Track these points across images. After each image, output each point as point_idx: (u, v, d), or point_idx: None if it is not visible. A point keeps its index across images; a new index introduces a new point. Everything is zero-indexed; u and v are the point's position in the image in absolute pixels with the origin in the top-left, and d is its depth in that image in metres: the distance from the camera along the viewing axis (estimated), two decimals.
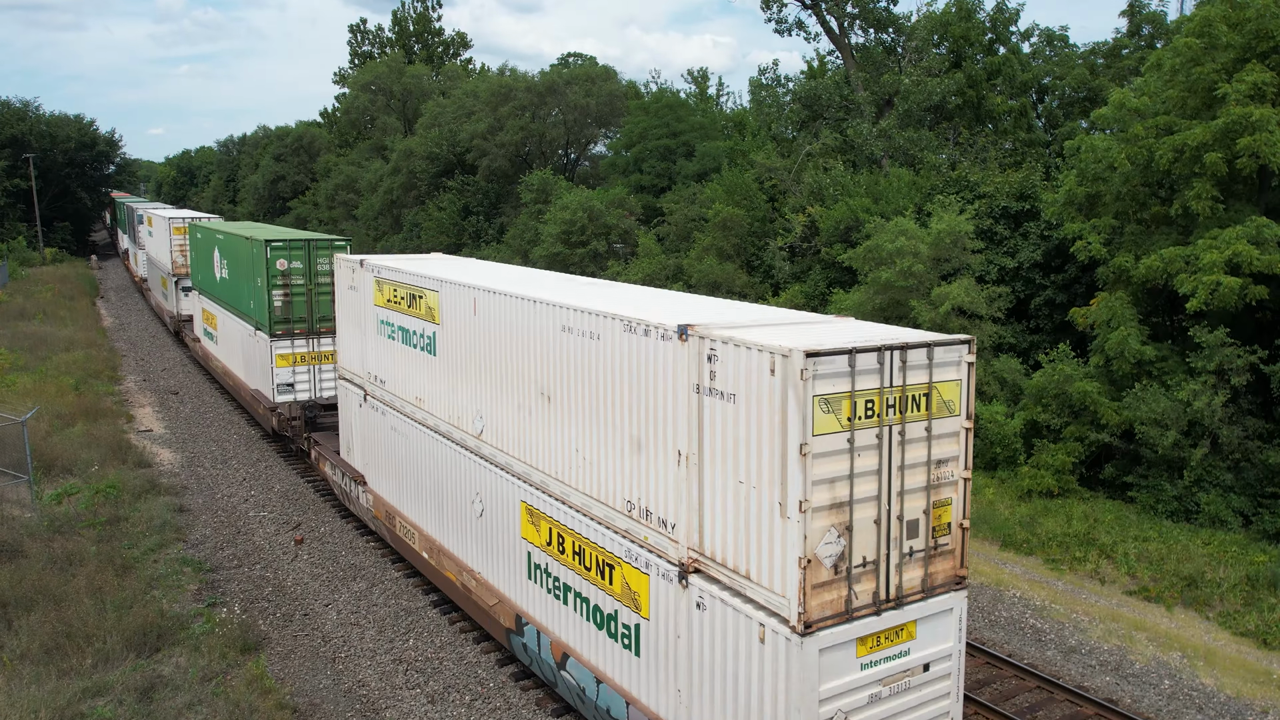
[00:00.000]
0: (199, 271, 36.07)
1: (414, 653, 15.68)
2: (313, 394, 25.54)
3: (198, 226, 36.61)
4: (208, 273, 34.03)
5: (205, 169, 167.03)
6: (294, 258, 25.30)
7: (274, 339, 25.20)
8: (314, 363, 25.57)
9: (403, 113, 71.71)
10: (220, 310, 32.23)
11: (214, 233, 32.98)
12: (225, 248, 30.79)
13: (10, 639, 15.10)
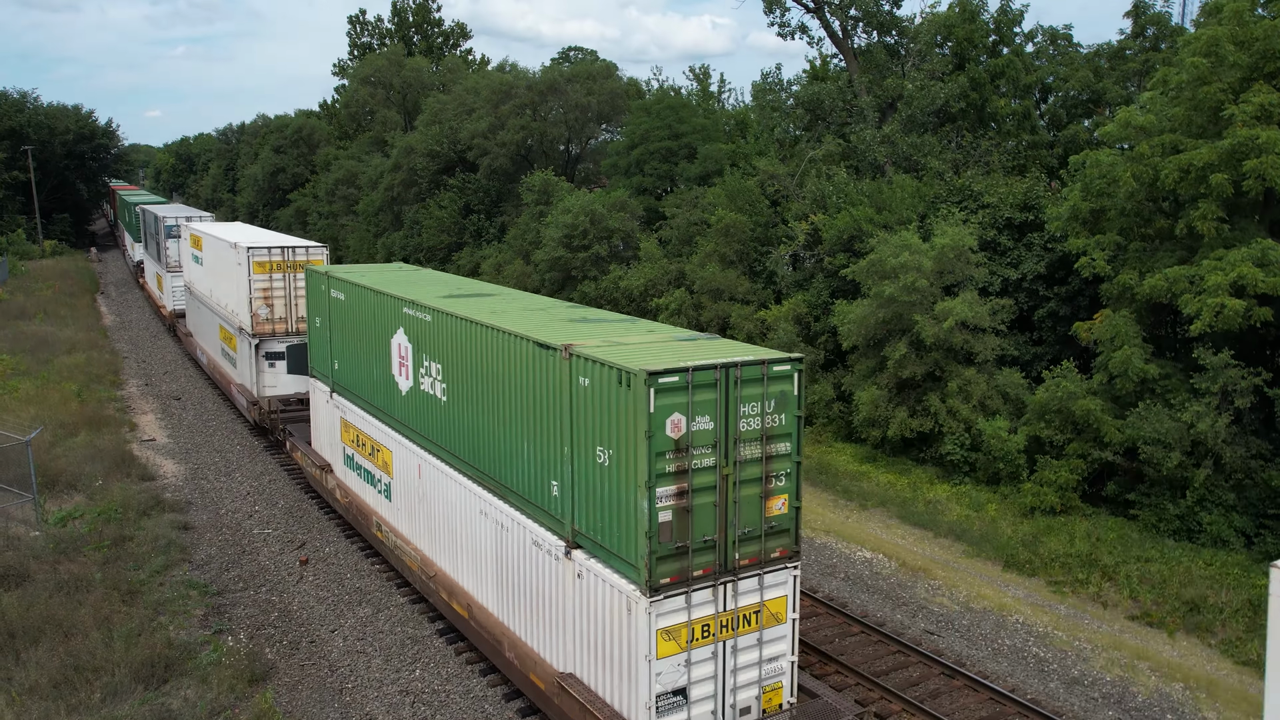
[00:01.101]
0: (339, 355, 21.46)
1: (420, 684, 15.75)
2: None
3: (332, 278, 21.34)
4: (358, 363, 20.24)
5: (204, 156, 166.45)
6: None
7: None
8: None
9: (402, 105, 71.36)
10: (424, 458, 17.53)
11: (388, 299, 18.24)
12: (435, 335, 16.54)
13: (19, 672, 15.17)
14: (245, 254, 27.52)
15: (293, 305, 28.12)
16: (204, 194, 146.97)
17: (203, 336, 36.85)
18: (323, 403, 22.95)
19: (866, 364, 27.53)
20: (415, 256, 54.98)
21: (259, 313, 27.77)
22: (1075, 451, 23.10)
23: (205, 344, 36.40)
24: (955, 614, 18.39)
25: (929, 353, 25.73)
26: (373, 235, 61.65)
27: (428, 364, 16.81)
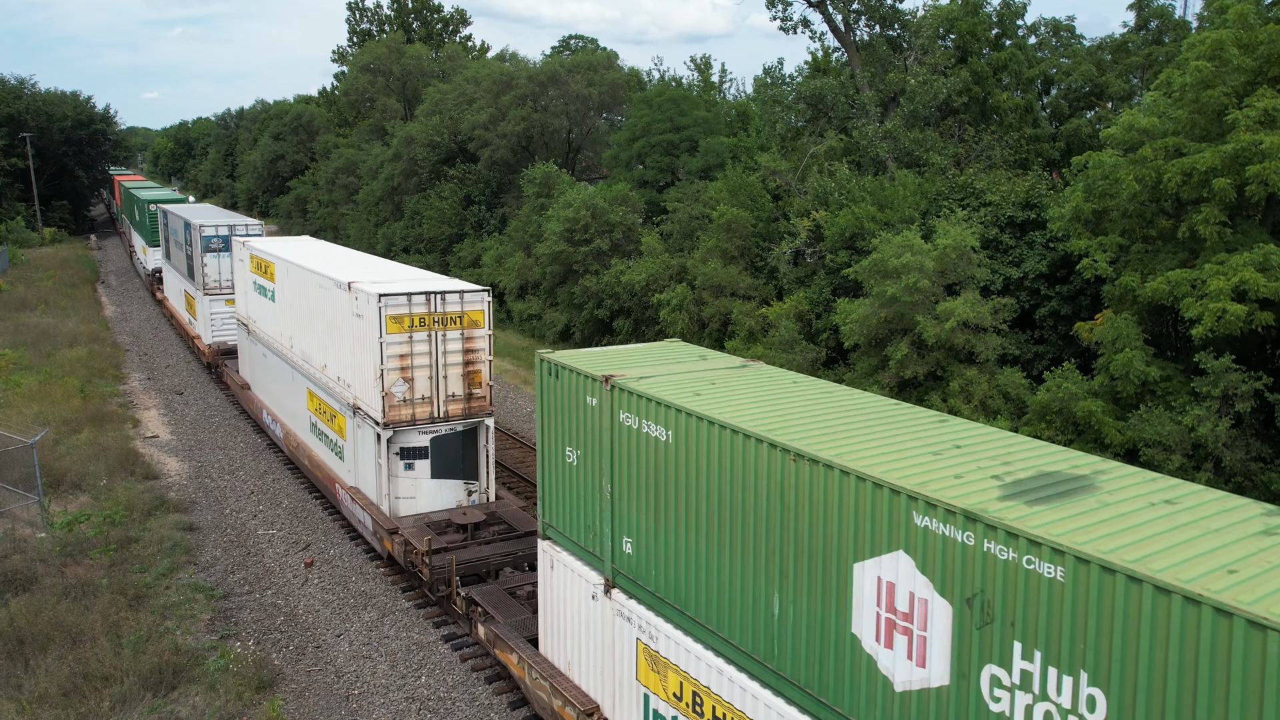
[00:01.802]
0: (632, 526, 11.98)
1: (426, 690, 15.90)
2: None
3: (622, 391, 11.71)
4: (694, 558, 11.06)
5: (203, 141, 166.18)
6: None
7: None
8: None
9: (402, 93, 71.18)
10: None
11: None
12: None
13: (28, 680, 15.31)
14: (374, 304, 18.54)
15: (440, 378, 19.33)
16: (202, 179, 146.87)
17: (273, 395, 27.16)
18: (580, 594, 13.05)
19: (868, 363, 27.60)
20: (416, 247, 54.99)
21: (394, 391, 18.88)
22: None
23: (279, 408, 26.52)
24: None
25: (931, 352, 25.80)
26: (373, 225, 61.63)
27: None
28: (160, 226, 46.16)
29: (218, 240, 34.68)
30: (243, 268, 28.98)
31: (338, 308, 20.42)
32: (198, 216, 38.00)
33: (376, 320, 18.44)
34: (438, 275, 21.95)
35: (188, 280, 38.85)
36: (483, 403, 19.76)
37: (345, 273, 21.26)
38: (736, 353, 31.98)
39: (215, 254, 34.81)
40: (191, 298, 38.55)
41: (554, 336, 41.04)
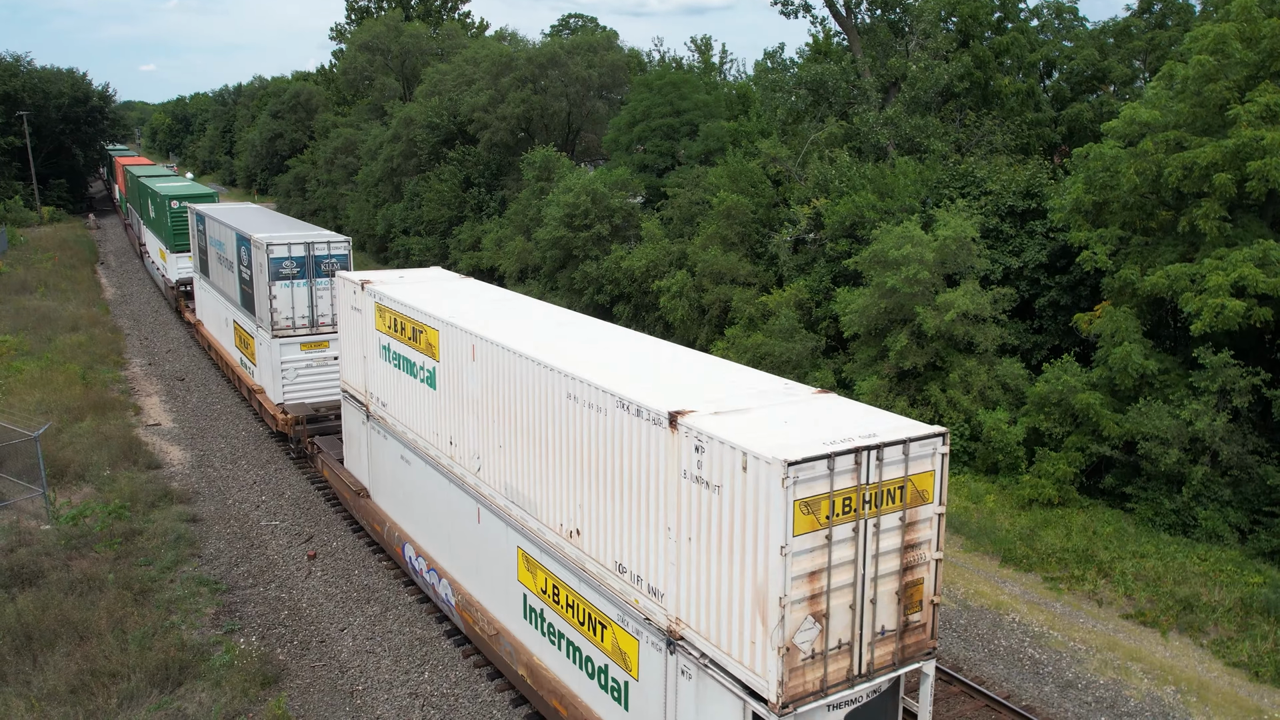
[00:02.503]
0: None
1: (430, 687, 16.10)
2: None
3: None
4: None
5: (200, 117, 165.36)
6: None
7: None
8: None
9: (401, 72, 70.76)
10: None
11: None
12: None
13: (36, 676, 15.51)
14: (773, 476, 9.59)
15: (866, 601, 10.67)
16: (200, 155, 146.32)
17: (427, 529, 18.05)
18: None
19: (868, 352, 27.69)
20: (416, 229, 54.90)
21: (799, 641, 10.03)
22: (1074, 444, 23.34)
23: (444, 555, 17.36)
24: (954, 612, 18.72)
25: (930, 342, 25.88)
26: (372, 206, 61.48)
27: None
28: (194, 233, 37.19)
29: (291, 264, 25.73)
30: (359, 319, 20.40)
31: (643, 453, 11.40)
32: (257, 228, 28.71)
33: (779, 506, 9.52)
34: (814, 393, 12.33)
35: (242, 312, 29.25)
36: (922, 636, 11.23)
37: (616, 376, 12.48)
38: (736, 340, 32.08)
39: (288, 282, 25.76)
40: (248, 336, 28.87)
41: None
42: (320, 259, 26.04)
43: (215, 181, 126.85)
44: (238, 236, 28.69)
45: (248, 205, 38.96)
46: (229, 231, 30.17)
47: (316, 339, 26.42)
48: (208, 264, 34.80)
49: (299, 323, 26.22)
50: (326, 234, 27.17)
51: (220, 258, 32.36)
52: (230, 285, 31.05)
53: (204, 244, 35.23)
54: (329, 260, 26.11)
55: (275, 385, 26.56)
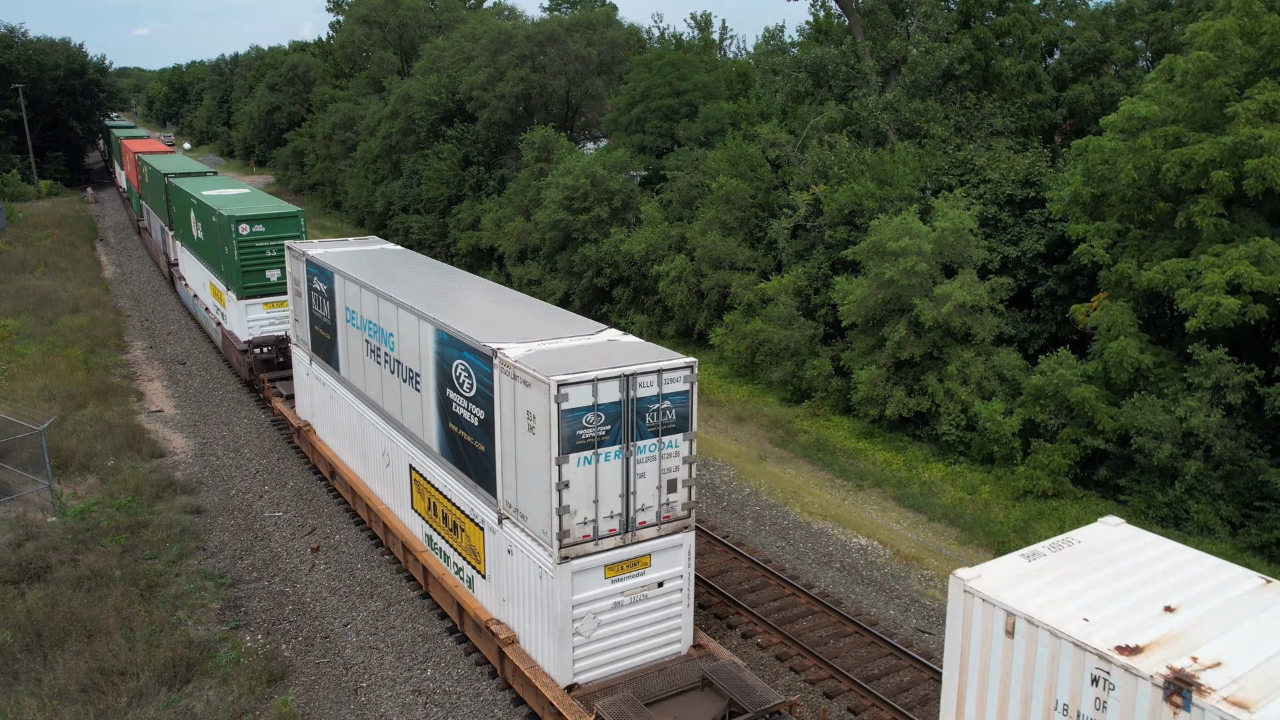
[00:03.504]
0: None
1: (432, 684, 16.43)
2: None
3: None
4: None
5: (197, 86, 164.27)
6: None
7: None
8: None
9: (399, 45, 70.27)
10: None
11: None
12: None
13: (47, 675, 15.82)
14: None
15: None
16: (198, 125, 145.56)
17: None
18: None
19: (866, 342, 27.83)
20: (415, 207, 54.81)
21: None
22: (1068, 436, 23.56)
23: None
24: (945, 607, 19.00)
25: (927, 333, 26.02)
26: (371, 183, 61.31)
27: None
28: (301, 287, 23.87)
29: (597, 419, 13.55)
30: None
31: None
32: (490, 325, 15.99)
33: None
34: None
35: (454, 473, 16.64)
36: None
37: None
38: (735, 326, 32.25)
39: (589, 454, 13.58)
40: (472, 525, 16.21)
41: (553, 303, 41.16)
42: (645, 404, 13.78)
43: (213, 153, 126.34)
44: (445, 338, 15.92)
45: (388, 247, 24.16)
46: (417, 323, 16.98)
47: (635, 553, 14.29)
48: (336, 347, 21.75)
49: (604, 529, 13.96)
50: (652, 352, 14.40)
51: (377, 352, 19.27)
52: (410, 409, 17.94)
53: (327, 312, 22.08)
54: (660, 406, 13.93)
55: (561, 652, 14.06)
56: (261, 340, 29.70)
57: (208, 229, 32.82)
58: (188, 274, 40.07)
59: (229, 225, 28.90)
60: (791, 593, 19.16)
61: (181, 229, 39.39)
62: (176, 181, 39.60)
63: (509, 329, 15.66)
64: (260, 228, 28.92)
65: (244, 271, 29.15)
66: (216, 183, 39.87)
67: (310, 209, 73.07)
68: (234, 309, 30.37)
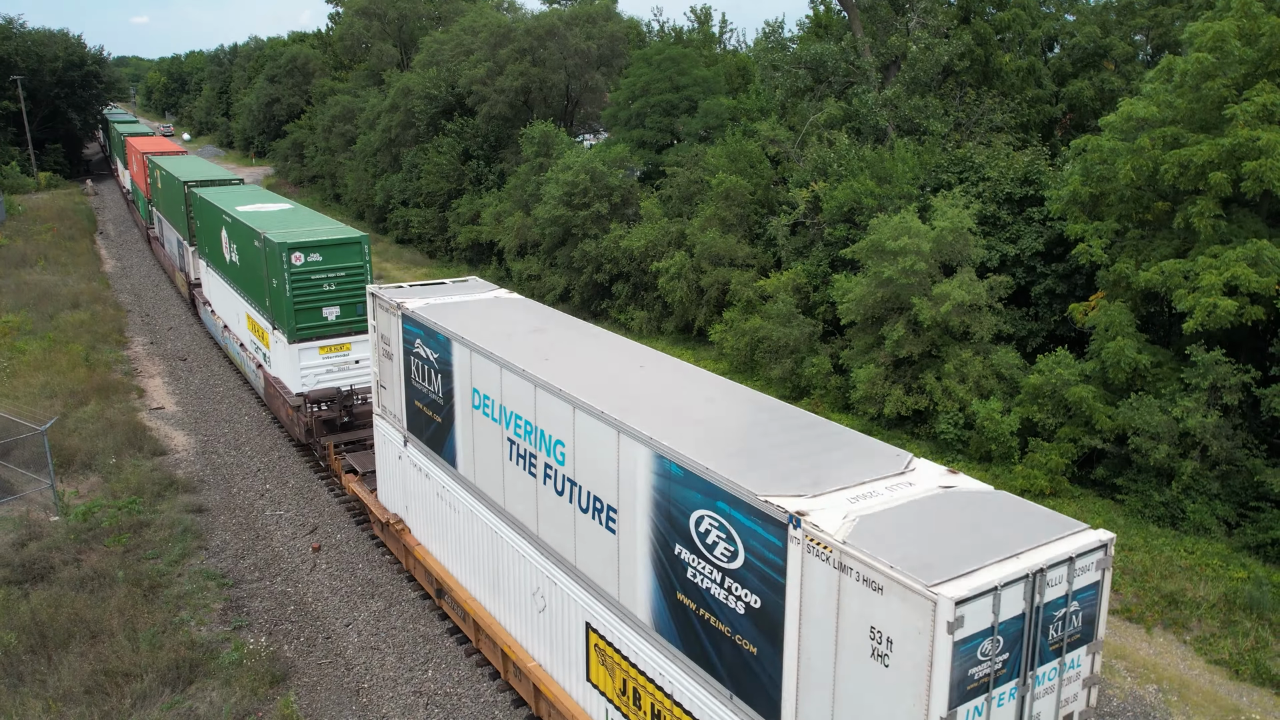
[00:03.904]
0: None
1: (433, 685, 16.58)
2: None
3: None
4: None
5: (196, 76, 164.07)
6: None
7: None
8: None
9: (399, 37, 70.18)
10: None
11: None
12: None
13: (52, 676, 15.97)
14: None
15: None
16: (197, 116, 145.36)
17: None
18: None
19: (865, 340, 27.92)
20: (415, 201, 54.82)
21: None
22: (1066, 435, 23.68)
23: None
24: None
25: (926, 331, 26.11)
26: (371, 176, 61.31)
27: None
28: (399, 349, 18.14)
29: (996, 649, 8.53)
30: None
31: None
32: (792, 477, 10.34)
33: None
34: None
35: None
36: None
37: None
38: (734, 323, 32.32)
39: None
40: None
41: (553, 299, 41.26)
42: (1050, 613, 9.19)
43: (212, 143, 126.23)
44: (673, 472, 10.88)
45: (510, 298, 18.89)
46: (616, 438, 11.85)
47: None
48: (453, 436, 16.41)
49: None
50: (1037, 519, 9.85)
51: (529, 459, 14.11)
52: (592, 550, 12.85)
53: (437, 388, 16.73)
54: (1068, 612, 9.45)
55: None
56: (319, 394, 24.38)
57: (247, 253, 27.47)
58: (216, 300, 34.14)
59: (279, 254, 23.62)
60: None
61: (208, 248, 33.98)
62: (202, 193, 34.29)
63: (783, 463, 10.45)
64: (317, 257, 24.01)
65: (297, 310, 23.88)
66: (249, 195, 34.12)
67: (310, 201, 73.07)
68: (282, 353, 25.10)
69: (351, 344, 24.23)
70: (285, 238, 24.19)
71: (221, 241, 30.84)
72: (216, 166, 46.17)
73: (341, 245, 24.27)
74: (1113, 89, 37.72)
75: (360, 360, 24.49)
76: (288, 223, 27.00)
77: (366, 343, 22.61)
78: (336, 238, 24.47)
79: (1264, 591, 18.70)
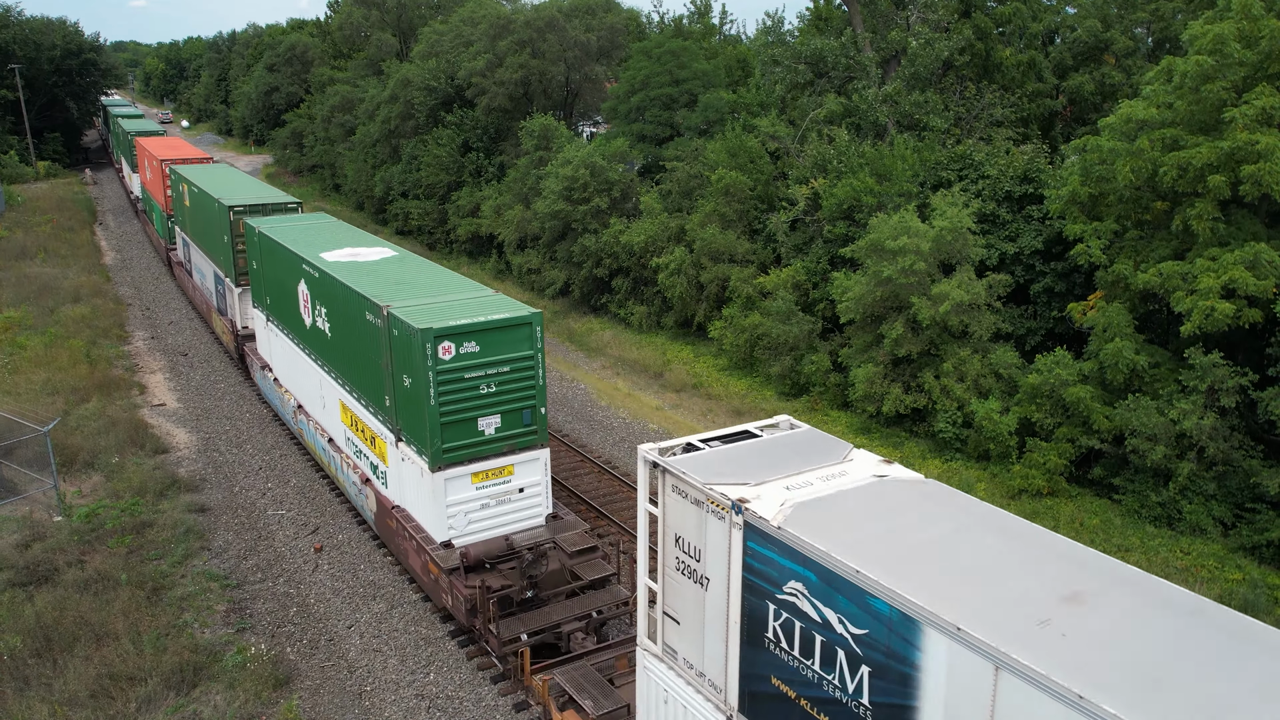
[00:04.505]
0: None
1: (435, 688, 16.74)
2: None
3: None
4: None
5: (195, 63, 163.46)
6: None
7: None
8: None
9: (398, 27, 69.94)
10: None
11: None
12: None
13: (57, 680, 16.13)
14: None
15: None
16: (196, 103, 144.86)
17: None
18: None
19: (864, 338, 28.00)
20: (415, 193, 54.78)
21: None
22: (1064, 435, 23.78)
23: None
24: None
25: (925, 330, 26.18)
26: (370, 167, 61.20)
27: None
28: (732, 580, 10.18)
29: None
30: None
31: None
32: None
33: None
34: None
35: None
36: None
37: None
38: (734, 320, 32.35)
39: None
40: None
41: (553, 293, 41.32)
42: None
43: (211, 131, 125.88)
44: None
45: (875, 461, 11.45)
46: None
47: None
48: None
49: None
50: None
51: None
52: None
53: (836, 677, 8.96)
54: None
55: None
56: (481, 550, 17.46)
57: (349, 325, 19.96)
58: (285, 370, 26.12)
59: (419, 344, 16.52)
60: None
61: (272, 299, 25.89)
62: (262, 228, 25.69)
63: None
64: (472, 346, 16.97)
65: (445, 424, 17.00)
66: (327, 230, 25.79)
67: (309, 191, 73.00)
68: (416, 481, 18.12)
69: (514, 466, 17.84)
70: (427, 319, 16.94)
71: (298, 298, 23.24)
72: (260, 182, 37.53)
73: (506, 329, 17.42)
74: (1113, 83, 37.70)
75: (525, 488, 17.93)
76: (412, 284, 19.73)
77: (534, 462, 17.69)
78: (499, 319, 17.32)
79: (1259, 594, 18.85)
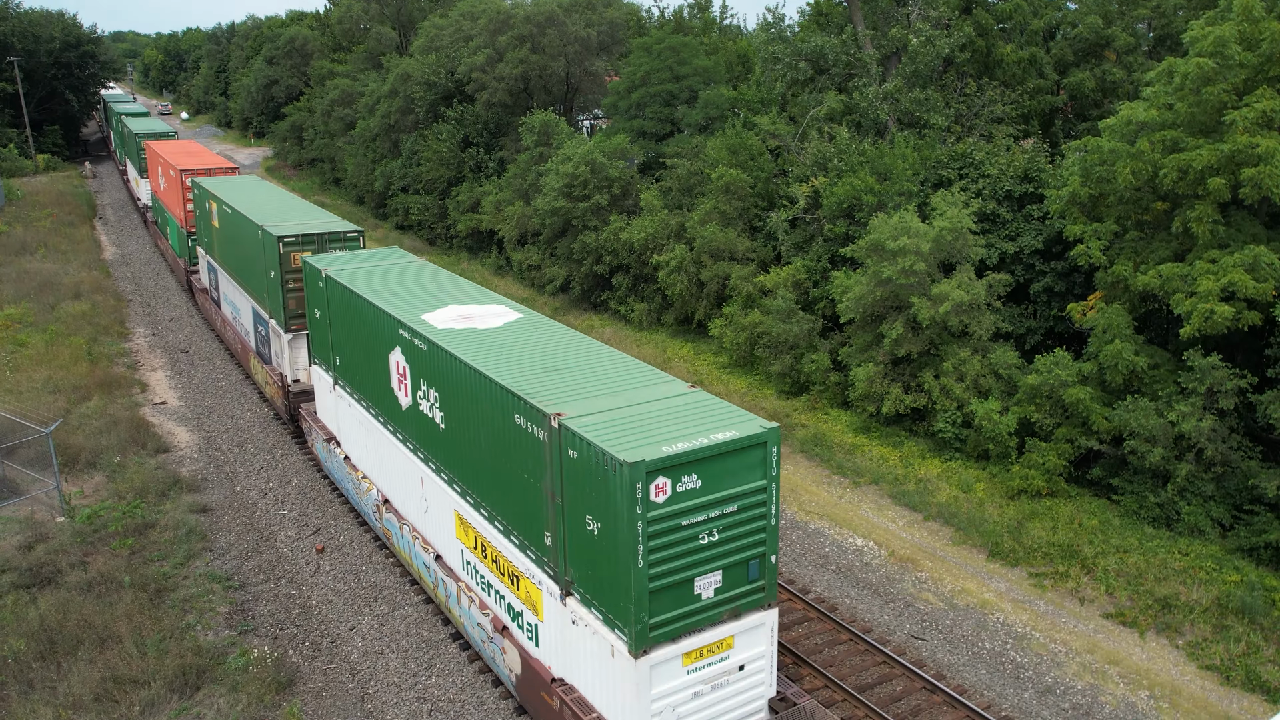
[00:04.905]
0: None
1: (437, 691, 16.84)
2: None
3: None
4: None
5: (194, 54, 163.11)
6: None
7: None
8: None
9: (397, 20, 69.76)
10: None
11: None
12: None
13: (61, 684, 16.22)
14: None
15: None
16: (195, 95, 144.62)
17: None
18: None
19: (864, 338, 28.03)
20: (415, 188, 54.72)
21: None
22: (1063, 436, 23.84)
23: None
24: (940, 612, 19.42)
25: (925, 330, 26.22)
26: (370, 161, 61.13)
27: None
28: None
29: None
30: None
31: None
32: None
33: None
34: None
35: None
36: None
37: None
38: (734, 318, 32.41)
39: None
40: None
41: (553, 290, 41.34)
42: None
43: (210, 123, 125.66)
44: None
45: None
46: None
47: None
48: None
49: None
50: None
51: None
52: None
53: None
54: None
55: None
56: None
57: (484, 426, 15.42)
58: (364, 455, 21.53)
59: (625, 480, 12.02)
60: (787, 598, 19.52)
61: (348, 365, 21.58)
62: (338, 275, 21.15)
63: None
64: (693, 480, 12.55)
65: (653, 590, 12.51)
66: (423, 279, 21.23)
67: (309, 185, 72.91)
68: (603, 663, 13.30)
69: (734, 637, 13.47)
70: (628, 441, 12.55)
71: (389, 369, 18.85)
72: (304, 202, 32.17)
73: (735, 453, 12.86)
74: (1114, 80, 37.64)
75: (745, 664, 13.59)
76: (569, 369, 15.40)
77: (758, 629, 13.62)
78: (726, 441, 12.74)
79: (1256, 596, 18.95)
